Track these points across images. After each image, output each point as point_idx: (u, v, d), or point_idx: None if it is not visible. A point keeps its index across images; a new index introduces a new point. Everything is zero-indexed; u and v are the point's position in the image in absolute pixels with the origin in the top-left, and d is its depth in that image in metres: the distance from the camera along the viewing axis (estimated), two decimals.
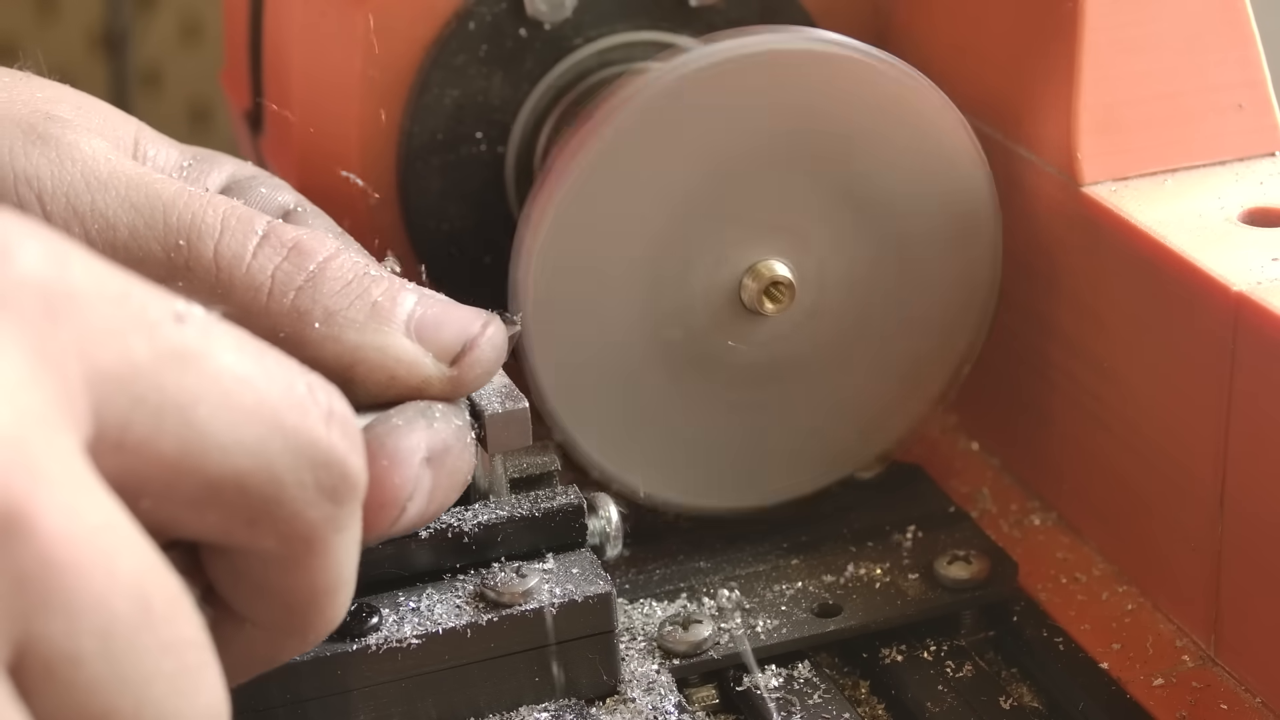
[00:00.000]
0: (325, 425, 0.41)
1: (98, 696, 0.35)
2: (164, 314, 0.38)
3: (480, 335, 0.52)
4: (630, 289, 0.59)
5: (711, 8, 0.68)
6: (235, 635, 0.43)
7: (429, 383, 0.51)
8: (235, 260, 0.50)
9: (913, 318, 0.62)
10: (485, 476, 0.55)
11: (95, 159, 0.51)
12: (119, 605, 0.35)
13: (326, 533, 0.41)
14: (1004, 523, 0.66)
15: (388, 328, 0.50)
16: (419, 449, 0.49)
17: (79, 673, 0.34)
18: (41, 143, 0.51)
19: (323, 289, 0.50)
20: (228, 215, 0.51)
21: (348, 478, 0.41)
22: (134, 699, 0.35)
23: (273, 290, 0.50)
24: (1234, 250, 0.56)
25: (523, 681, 0.53)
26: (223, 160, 0.58)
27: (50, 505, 0.34)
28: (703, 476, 0.62)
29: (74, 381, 0.36)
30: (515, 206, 0.68)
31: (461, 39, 0.65)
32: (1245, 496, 0.55)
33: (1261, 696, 0.56)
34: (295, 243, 0.51)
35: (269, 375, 0.40)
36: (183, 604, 0.37)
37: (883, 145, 0.59)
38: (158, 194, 0.51)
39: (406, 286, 0.52)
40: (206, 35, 1.81)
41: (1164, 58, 0.61)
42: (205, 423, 0.38)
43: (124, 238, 0.50)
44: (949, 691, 0.57)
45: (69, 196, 0.51)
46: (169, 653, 0.36)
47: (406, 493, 0.49)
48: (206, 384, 0.38)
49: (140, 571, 0.35)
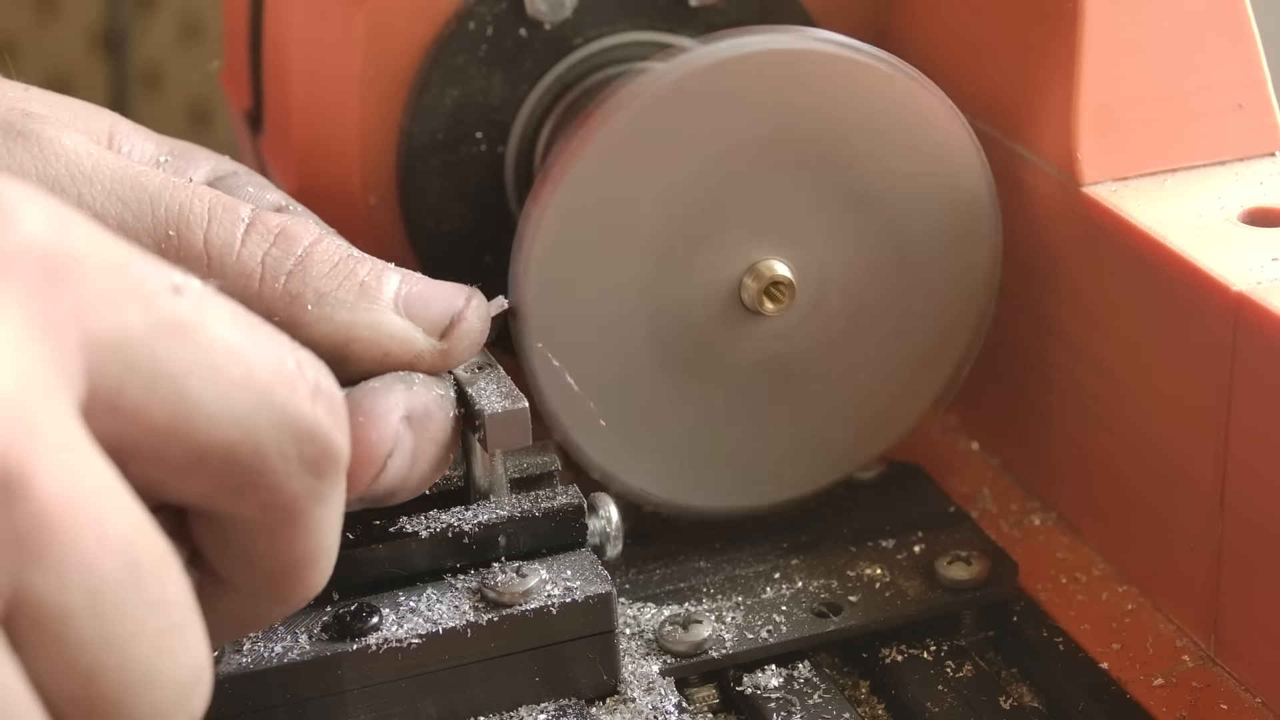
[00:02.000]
0: (311, 400, 0.41)
1: (84, 650, 0.35)
2: (161, 285, 0.39)
3: (466, 308, 0.53)
4: (630, 289, 0.59)
5: (711, 8, 0.68)
6: (219, 598, 0.44)
7: (421, 357, 0.52)
8: (225, 248, 0.51)
9: (913, 318, 0.62)
10: (485, 476, 0.55)
11: (78, 153, 0.52)
12: (108, 564, 0.35)
13: (307, 504, 0.42)
14: (1004, 523, 0.66)
15: (378, 306, 0.52)
16: (396, 408, 0.50)
17: (67, 627, 0.35)
18: (22, 139, 0.52)
19: (312, 272, 0.52)
20: (214, 204, 0.52)
21: (329, 452, 0.42)
22: (119, 655, 0.36)
23: (264, 276, 0.51)
24: (1234, 250, 0.56)
25: (522, 681, 0.53)
26: (201, 155, 0.58)
27: (46, 465, 0.34)
28: (703, 477, 0.62)
29: (71, 345, 0.36)
30: (515, 206, 0.68)
31: (461, 39, 0.65)
32: (1245, 496, 0.55)
33: (1261, 696, 0.56)
34: (281, 228, 0.52)
35: (260, 349, 0.41)
36: (170, 565, 0.37)
37: (883, 145, 0.59)
38: (143, 185, 0.52)
39: (389, 266, 0.53)
40: (206, 35, 1.81)
41: (1164, 58, 0.61)
42: (196, 392, 0.39)
43: (112, 230, 0.51)
44: (949, 691, 0.57)
45: (55, 192, 0.51)
46: (154, 611, 0.37)
47: (385, 449, 0.50)
48: (199, 355, 0.39)
49: (130, 532, 0.36)
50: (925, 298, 0.62)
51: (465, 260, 0.68)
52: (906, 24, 0.70)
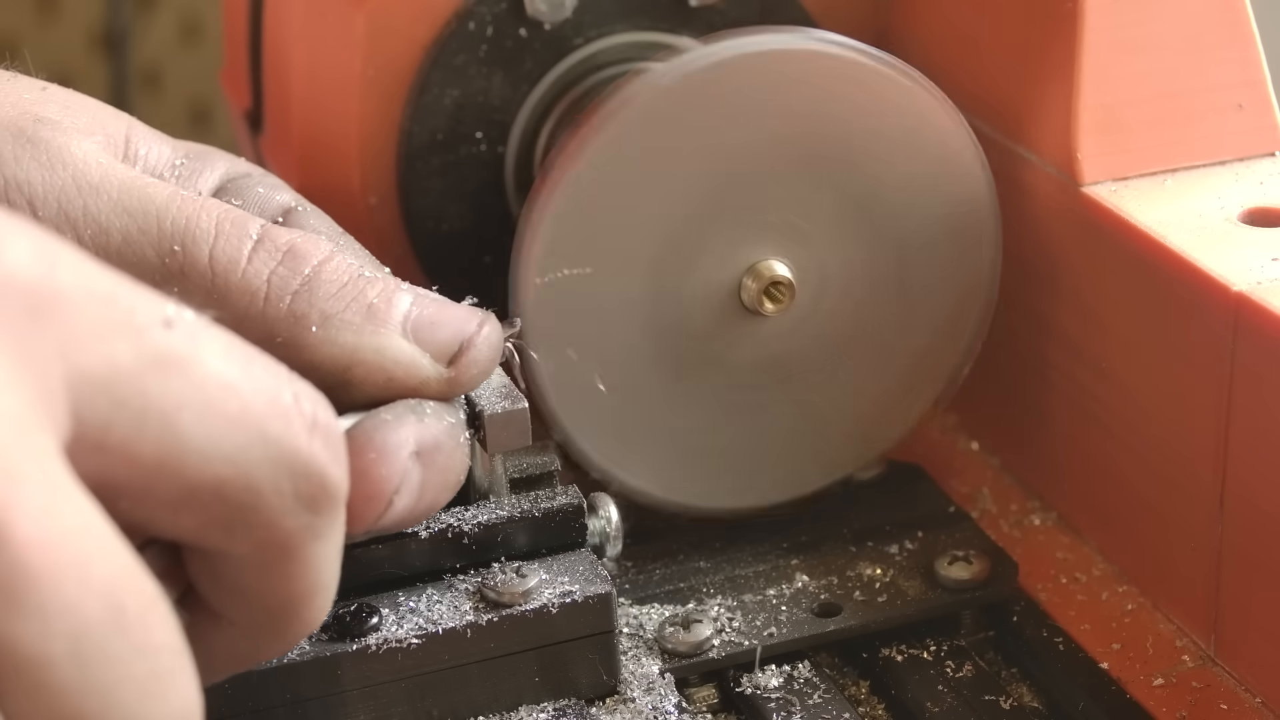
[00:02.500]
0: (308, 435, 0.40)
1: (66, 698, 0.34)
2: (152, 318, 0.38)
3: (476, 334, 0.52)
4: (630, 289, 0.59)
5: (711, 8, 0.68)
6: (214, 634, 0.43)
7: (426, 384, 0.51)
8: (231, 265, 0.50)
9: (912, 318, 0.62)
10: (485, 476, 0.55)
11: (86, 163, 0.51)
12: (91, 608, 0.35)
13: (303, 540, 0.41)
14: (1004, 523, 0.66)
15: (384, 329, 0.50)
16: (407, 443, 0.49)
17: (48, 675, 0.34)
18: (31, 146, 0.51)
19: (318, 292, 0.50)
20: (221, 220, 0.51)
21: (327, 488, 0.41)
22: (102, 702, 0.35)
23: (269, 295, 0.50)
24: (1234, 250, 0.56)
25: (522, 682, 0.53)
26: (216, 157, 0.57)
27: (26, 508, 0.34)
28: (703, 477, 0.62)
29: (55, 382, 0.36)
30: (515, 206, 0.68)
31: (461, 39, 0.65)
32: (1245, 496, 0.55)
33: (1261, 696, 0.56)
34: (290, 246, 0.51)
35: (255, 383, 0.40)
36: (157, 608, 0.36)
37: (883, 145, 0.59)
38: (150, 198, 0.51)
39: (401, 287, 0.52)
40: (206, 35, 1.81)
41: (1164, 58, 0.61)
42: (187, 428, 0.38)
43: (117, 243, 0.50)
44: (949, 691, 0.57)
45: (60, 202, 0.50)
46: (140, 657, 0.36)
47: (392, 485, 0.48)
48: (191, 390, 0.38)
49: (114, 575, 0.35)
50: (925, 298, 0.62)
51: (465, 260, 0.68)
52: (907, 24, 0.70)
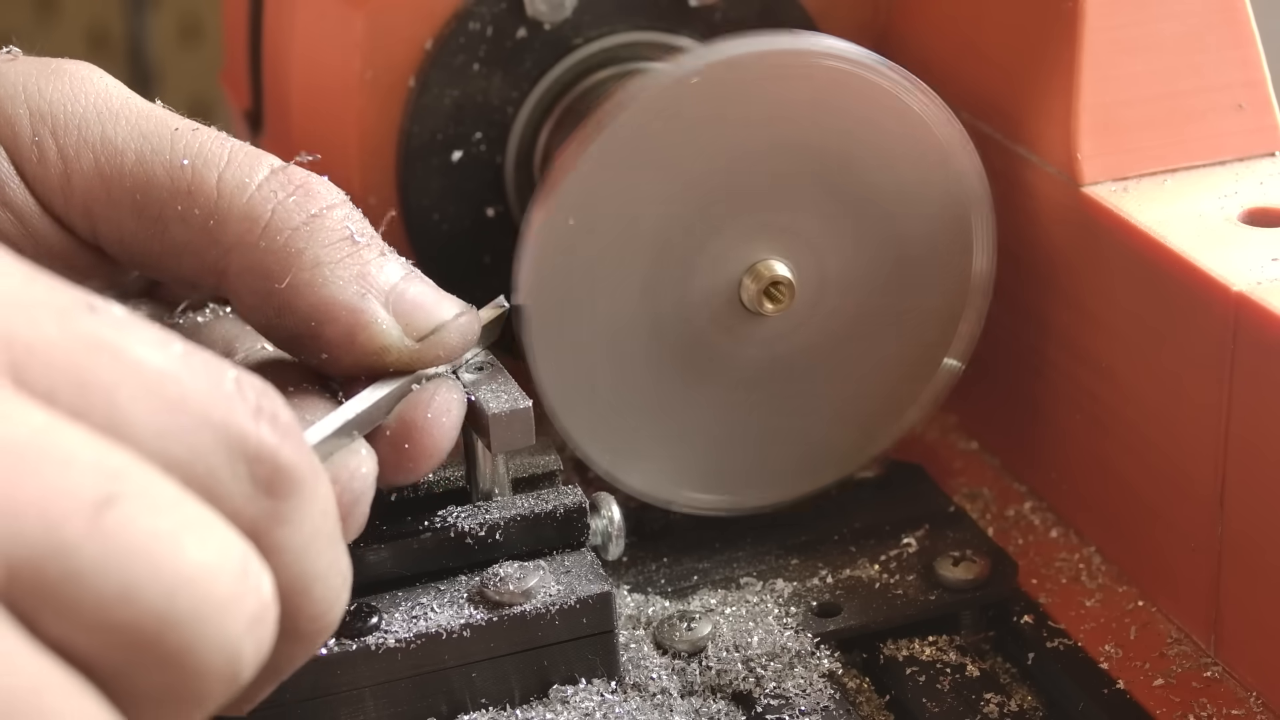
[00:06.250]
0: (254, 419, 0.39)
1: None
2: (74, 301, 0.37)
3: (452, 321, 0.52)
4: (630, 289, 0.59)
5: (711, 8, 0.68)
6: None
7: (388, 350, 0.51)
8: (238, 188, 0.51)
9: (911, 317, 0.62)
10: (487, 476, 0.55)
11: (109, 92, 0.53)
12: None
13: (269, 527, 0.40)
14: (1004, 523, 0.66)
15: (368, 291, 0.51)
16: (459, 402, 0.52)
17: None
18: (56, 78, 0.53)
19: (318, 236, 0.51)
20: (235, 150, 0.52)
21: (280, 470, 0.39)
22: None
23: (269, 224, 0.50)
24: (1234, 250, 0.56)
25: (523, 681, 0.53)
26: None
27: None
28: (703, 477, 0.62)
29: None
30: (515, 206, 0.68)
31: (461, 39, 0.66)
32: (1245, 496, 0.55)
33: (1262, 696, 0.56)
34: (304, 183, 0.51)
35: (192, 370, 0.39)
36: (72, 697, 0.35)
37: (879, 147, 0.59)
38: (167, 123, 0.52)
39: (399, 259, 0.52)
40: (206, 35, 1.81)
41: (1164, 58, 0.61)
42: (129, 405, 0.37)
43: (130, 163, 0.52)
44: (949, 691, 0.57)
45: (80, 129, 0.52)
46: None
47: (448, 445, 0.51)
48: (125, 372, 0.37)
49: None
50: (923, 297, 0.62)
51: (465, 260, 0.68)
52: (907, 25, 0.70)
